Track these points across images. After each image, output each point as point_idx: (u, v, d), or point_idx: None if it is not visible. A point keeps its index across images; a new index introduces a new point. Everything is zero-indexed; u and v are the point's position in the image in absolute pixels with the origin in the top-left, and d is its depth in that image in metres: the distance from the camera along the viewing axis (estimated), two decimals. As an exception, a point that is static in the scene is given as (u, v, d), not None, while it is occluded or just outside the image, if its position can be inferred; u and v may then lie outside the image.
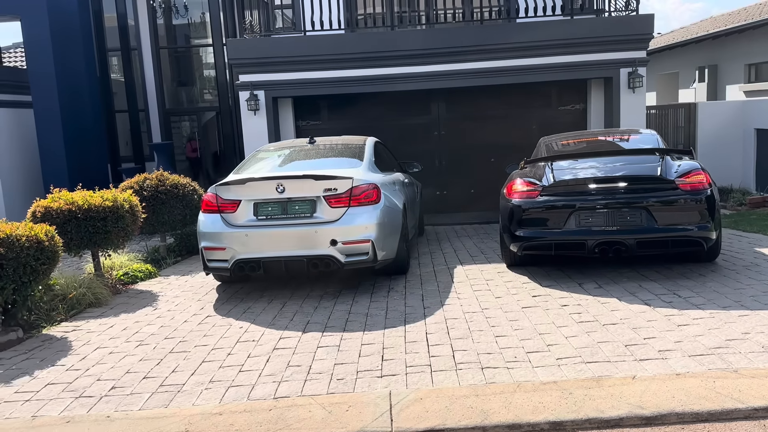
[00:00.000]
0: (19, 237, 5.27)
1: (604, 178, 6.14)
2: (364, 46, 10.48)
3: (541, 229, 6.23)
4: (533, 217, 6.25)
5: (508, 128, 11.18)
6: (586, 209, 6.01)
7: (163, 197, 8.43)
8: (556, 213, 6.13)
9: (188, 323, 5.57)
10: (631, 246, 5.91)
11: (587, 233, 5.99)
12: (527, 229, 6.27)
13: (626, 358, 4.11)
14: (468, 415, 3.53)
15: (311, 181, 6.09)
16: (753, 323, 4.59)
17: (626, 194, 5.98)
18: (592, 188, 6.07)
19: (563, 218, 6.08)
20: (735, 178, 11.66)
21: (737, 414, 3.42)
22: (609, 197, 5.97)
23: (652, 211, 5.88)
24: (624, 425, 3.40)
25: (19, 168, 12.81)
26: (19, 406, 4.05)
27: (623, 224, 5.93)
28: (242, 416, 3.70)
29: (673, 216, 5.94)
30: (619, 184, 6.05)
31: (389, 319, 5.30)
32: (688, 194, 5.92)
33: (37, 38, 12.10)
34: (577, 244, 6.06)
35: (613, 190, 6.01)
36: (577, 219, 6.04)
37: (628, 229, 5.91)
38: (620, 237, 5.92)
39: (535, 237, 6.25)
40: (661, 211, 5.90)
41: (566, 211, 6.07)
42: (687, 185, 5.97)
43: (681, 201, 5.92)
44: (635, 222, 5.91)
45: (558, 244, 6.17)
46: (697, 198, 5.90)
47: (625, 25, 10.48)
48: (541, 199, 6.23)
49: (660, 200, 5.92)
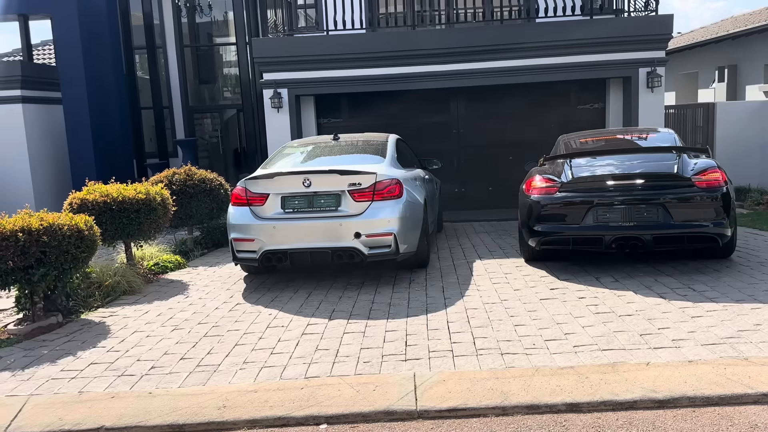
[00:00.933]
0: (61, 226, 5.55)
1: (622, 175, 6.30)
2: (385, 46, 10.70)
3: (559, 225, 6.39)
4: (551, 213, 6.41)
5: (526, 127, 11.33)
6: (604, 205, 6.16)
7: (191, 191, 8.70)
8: (574, 209, 6.28)
9: (219, 310, 5.83)
10: (647, 241, 6.06)
11: (604, 229, 6.14)
12: (545, 224, 6.44)
13: (641, 347, 4.29)
14: (488, 396, 3.75)
15: (336, 176, 6.32)
16: (765, 315, 4.75)
17: (643, 191, 6.12)
18: (609, 185, 6.22)
19: (581, 214, 6.23)
20: (753, 178, 11.72)
21: (746, 399, 3.60)
22: (626, 194, 6.12)
23: (668, 207, 6.02)
24: (637, 408, 3.60)
25: (48, 162, 13.19)
26: (66, 382, 4.33)
27: (640, 220, 6.08)
28: (276, 394, 3.94)
29: (689, 212, 6.07)
30: (636, 181, 6.20)
31: (411, 308, 5.52)
32: (704, 191, 6.06)
33: (68, 37, 12.46)
34: (595, 239, 6.22)
35: (630, 187, 6.16)
36: (594, 215, 6.18)
37: (645, 225, 6.06)
38: (637, 233, 6.07)
39: (553, 232, 6.41)
40: (678, 208, 6.04)
41: (584, 207, 6.23)
42: (703, 183, 6.11)
43: (697, 198, 6.05)
44: (652, 218, 6.04)
45: (576, 239, 6.33)
46: (712, 195, 6.04)
47: (644, 25, 10.60)
48: (560, 195, 6.39)
49: (676, 197, 6.05)
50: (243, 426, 3.70)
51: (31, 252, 5.32)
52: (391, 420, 3.65)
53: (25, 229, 5.35)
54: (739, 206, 10.84)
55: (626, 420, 3.48)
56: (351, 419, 3.67)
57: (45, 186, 12.97)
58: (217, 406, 3.85)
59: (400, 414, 3.67)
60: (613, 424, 3.45)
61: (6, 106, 12.62)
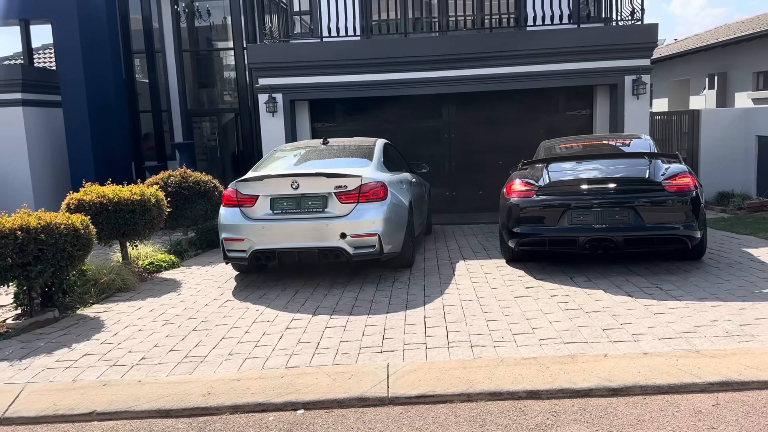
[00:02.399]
0: (58, 225, 5.82)
1: (595, 180, 6.58)
2: (379, 52, 10.96)
3: (536, 226, 6.66)
4: (530, 215, 6.68)
5: (516, 132, 11.60)
6: (578, 208, 6.44)
7: (186, 193, 8.96)
8: (551, 211, 6.56)
9: (209, 306, 6.10)
10: (619, 243, 6.35)
11: (579, 230, 6.42)
12: (524, 226, 6.71)
13: (602, 340, 4.56)
14: (455, 384, 4.01)
15: (323, 179, 6.59)
16: (722, 312, 5.02)
17: (615, 195, 6.40)
18: (584, 189, 6.50)
19: (557, 216, 6.51)
20: (736, 183, 11.98)
21: (694, 387, 3.86)
22: (599, 197, 6.40)
23: (639, 210, 6.29)
24: (593, 395, 3.86)
25: (48, 164, 13.46)
26: (61, 371, 4.59)
27: (612, 222, 6.35)
28: (257, 382, 4.21)
29: (659, 215, 6.36)
30: (609, 185, 6.48)
31: (392, 305, 5.79)
32: (674, 195, 6.34)
33: (68, 41, 12.73)
34: (569, 240, 6.51)
35: (604, 191, 6.43)
36: (569, 217, 6.46)
37: (617, 227, 6.33)
38: (609, 234, 6.35)
39: (531, 233, 6.69)
40: (648, 211, 6.31)
41: (560, 209, 6.50)
42: (673, 187, 6.38)
43: (667, 202, 6.34)
44: (624, 221, 6.32)
45: (552, 240, 6.62)
46: (682, 199, 6.32)
47: (629, 33, 10.86)
48: (537, 199, 6.66)
49: (647, 200, 6.34)
50: (225, 411, 3.96)
51: (30, 249, 5.58)
52: (364, 406, 3.91)
53: (24, 227, 5.61)
54: (721, 210, 11.13)
55: (581, 406, 3.74)
56: (327, 405, 3.93)
57: (44, 187, 13.24)
58: (201, 393, 4.11)
59: (373, 400, 3.93)
60: (568, 409, 3.71)
61: (7, 108, 12.89)
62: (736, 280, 5.98)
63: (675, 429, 3.44)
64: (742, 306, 5.18)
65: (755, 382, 3.86)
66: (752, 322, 4.77)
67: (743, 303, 5.26)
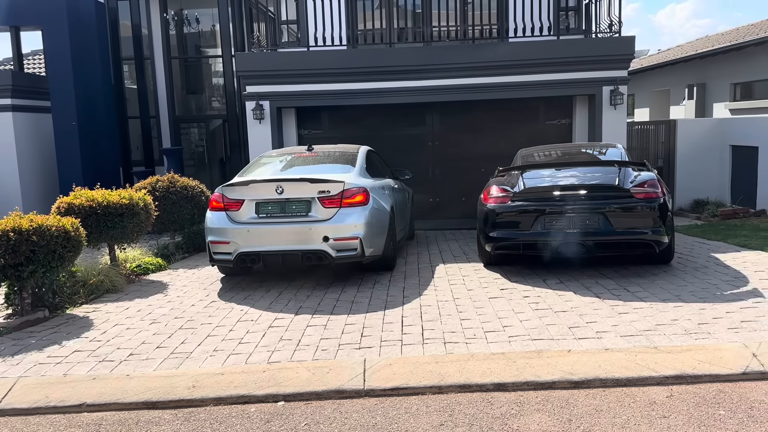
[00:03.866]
0: (49, 227, 6.01)
1: (568, 186, 6.85)
2: (364, 62, 11.22)
3: (511, 231, 6.93)
4: (505, 220, 6.95)
5: (498, 140, 11.87)
6: (551, 213, 6.71)
7: (174, 197, 9.17)
8: (525, 216, 6.83)
9: (195, 306, 6.31)
10: (589, 247, 6.64)
11: (551, 235, 6.69)
12: (500, 231, 6.98)
13: (567, 337, 4.82)
14: (428, 377, 4.25)
15: (307, 184, 6.83)
16: (683, 312, 5.30)
17: (586, 201, 6.66)
18: (556, 195, 6.77)
19: (531, 221, 6.78)
20: (711, 191, 12.33)
21: (651, 381, 4.12)
22: (571, 203, 6.65)
23: (609, 216, 6.57)
24: (556, 387, 4.11)
25: (36, 169, 13.61)
26: (52, 367, 4.79)
27: (583, 227, 6.61)
28: (240, 376, 4.43)
29: (628, 221, 6.64)
30: (580, 191, 6.75)
31: (371, 305, 6.03)
32: (642, 202, 6.62)
33: (58, 48, 12.91)
34: (543, 244, 6.79)
35: (575, 197, 6.69)
36: (543, 222, 6.73)
37: (588, 232, 6.61)
38: (580, 238, 6.62)
39: (506, 238, 6.95)
40: (617, 217, 6.60)
41: (534, 214, 6.78)
42: (641, 194, 6.66)
43: (635, 208, 6.61)
44: (594, 226, 6.59)
45: (526, 244, 6.89)
46: (650, 205, 6.60)
47: (608, 46, 11.19)
48: (512, 204, 6.94)
49: (616, 206, 6.61)
50: (210, 403, 4.18)
51: (21, 250, 5.77)
52: (341, 398, 4.14)
53: (16, 229, 5.80)
54: (696, 218, 11.47)
55: (544, 397, 3.99)
56: (306, 397, 4.16)
57: (33, 191, 13.38)
58: (186, 386, 4.32)
59: (349, 392, 4.17)
60: (532, 400, 3.96)
61: (-3, 113, 13.04)
62: (700, 283, 6.27)
63: (629, 417, 3.70)
64: (702, 306, 5.47)
65: (707, 376, 4.13)
66: (710, 321, 5.06)
67: (704, 304, 5.55)
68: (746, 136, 11.76)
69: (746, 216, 10.92)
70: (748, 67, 16.18)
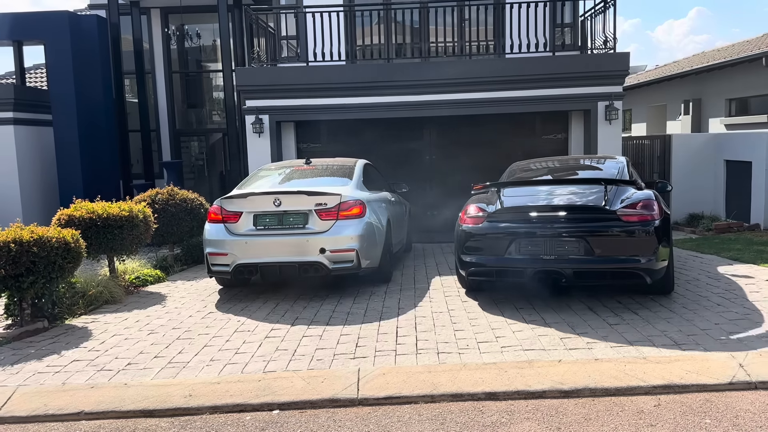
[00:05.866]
0: (49, 238, 6.10)
1: (545, 207, 6.14)
2: (363, 77, 11.38)
3: (484, 256, 6.24)
4: (478, 243, 6.27)
5: (495, 154, 11.98)
6: (527, 237, 5.98)
7: (173, 210, 9.26)
8: (499, 240, 6.11)
9: (192, 317, 6.39)
10: (568, 276, 5.89)
11: (526, 261, 5.97)
12: (472, 255, 6.32)
13: (558, 348, 4.91)
14: (420, 386, 4.33)
15: (304, 197, 6.94)
16: (674, 323, 5.38)
17: (565, 224, 5.94)
18: (533, 216, 6.07)
19: (505, 245, 6.06)
20: (706, 206, 12.45)
21: (639, 390, 4.20)
22: (548, 226, 5.95)
23: (590, 241, 5.80)
24: (546, 397, 4.19)
25: (37, 181, 13.72)
26: (51, 376, 4.86)
27: (561, 254, 5.87)
28: (236, 385, 4.50)
29: (612, 247, 5.86)
30: (559, 213, 6.02)
31: (367, 316, 6.11)
32: (631, 225, 5.84)
33: (60, 62, 13.09)
34: (517, 271, 6.07)
35: (553, 219, 5.98)
36: (517, 246, 6.01)
37: (566, 259, 5.87)
38: (557, 266, 5.88)
39: (478, 263, 6.28)
40: (600, 242, 5.81)
41: (508, 238, 6.06)
42: (631, 216, 5.87)
43: (622, 232, 5.84)
44: (573, 252, 5.85)
45: (499, 270, 6.19)
46: (642, 229, 5.81)
47: (603, 62, 11.35)
48: (485, 225, 6.25)
49: (598, 231, 5.85)
50: (206, 411, 4.25)
51: (22, 261, 5.85)
52: (335, 406, 4.22)
53: (17, 240, 5.89)
54: (691, 232, 11.57)
55: (534, 406, 4.07)
56: (300, 406, 4.23)
57: (34, 204, 13.48)
58: (183, 395, 4.39)
59: (343, 401, 4.24)
60: (523, 409, 4.04)
61: (-1, 127, 13.18)
62: (691, 295, 6.36)
63: (618, 426, 3.77)
64: (691, 317, 5.55)
65: (695, 385, 4.21)
66: (699, 333, 5.14)
67: (693, 315, 5.63)
68: (740, 151, 11.89)
69: (740, 230, 11.02)
70: (743, 82, 16.34)
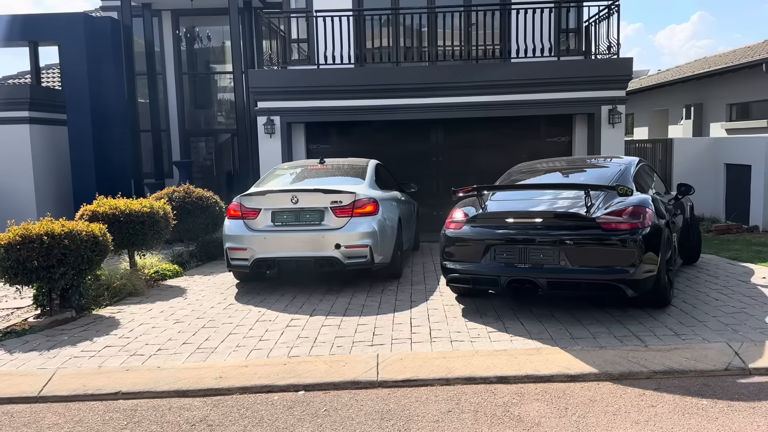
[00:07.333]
0: (79, 231, 6.41)
1: (522, 213, 5.96)
2: (372, 80, 11.69)
3: (462, 262, 6.11)
4: (457, 249, 6.16)
5: (499, 156, 12.25)
6: (503, 244, 5.82)
7: (189, 207, 9.57)
8: (476, 246, 5.98)
9: (214, 308, 6.69)
10: (542, 286, 5.66)
11: (501, 269, 5.82)
12: (452, 261, 6.20)
13: (564, 337, 5.21)
14: (436, 370, 4.63)
15: (321, 194, 7.25)
16: (675, 316, 5.68)
17: (541, 231, 5.73)
18: (510, 222, 5.91)
19: (481, 252, 5.93)
20: (707, 208, 12.74)
21: (641, 375, 4.49)
22: (523, 233, 5.76)
23: (565, 250, 5.56)
24: (554, 381, 4.49)
25: (51, 179, 14.04)
26: (86, 360, 5.16)
27: (536, 262, 5.67)
28: (263, 368, 4.80)
29: (588, 257, 5.53)
30: (536, 219, 5.84)
31: (381, 309, 6.41)
32: (611, 234, 5.51)
33: (74, 63, 13.40)
34: (491, 279, 5.94)
35: (528, 226, 5.81)
36: (493, 253, 5.86)
37: (540, 268, 5.65)
38: (531, 275, 5.67)
39: (456, 270, 6.16)
40: (576, 251, 5.54)
41: (484, 244, 5.93)
42: (612, 224, 5.54)
43: (599, 241, 5.52)
44: (548, 261, 5.62)
45: (475, 278, 6.08)
46: (620, 238, 5.47)
47: (606, 67, 11.65)
48: (464, 231, 6.13)
49: (574, 239, 5.57)
50: (236, 392, 4.55)
51: (54, 253, 6.16)
52: (356, 388, 4.51)
53: (49, 233, 6.20)
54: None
55: (543, 389, 4.37)
56: (324, 387, 4.53)
57: (48, 201, 13.79)
58: (214, 377, 4.70)
59: (364, 383, 4.54)
60: (532, 391, 4.34)
61: (14, 126, 13.49)
62: (691, 291, 6.65)
63: (621, 406, 4.06)
64: (689, 310, 5.85)
65: (693, 371, 4.50)
66: (697, 324, 5.43)
67: (692, 308, 5.93)
68: (739, 155, 12.19)
69: (739, 232, 11.31)
70: (744, 88, 16.65)
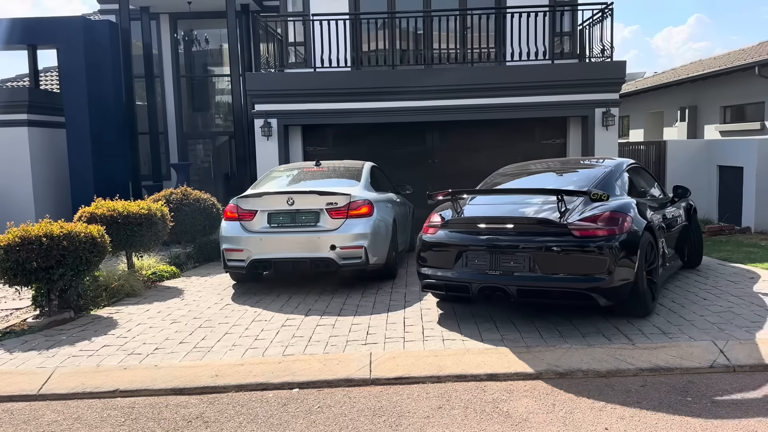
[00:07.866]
0: (78, 233, 6.50)
1: (494, 218, 5.84)
2: (368, 82, 11.79)
3: (435, 268, 6.03)
4: (431, 254, 6.10)
5: (494, 158, 12.33)
6: (474, 250, 5.72)
7: (187, 209, 9.66)
8: (449, 251, 5.90)
9: (211, 309, 6.78)
10: (512, 293, 5.52)
11: (472, 276, 5.70)
12: (426, 267, 6.12)
13: (554, 335, 5.30)
14: (427, 368, 4.73)
15: (316, 196, 7.35)
16: (663, 315, 5.78)
17: (511, 237, 5.59)
18: (482, 228, 5.78)
19: (453, 258, 5.84)
20: (700, 209, 12.76)
21: (628, 372, 4.60)
22: (493, 239, 5.64)
23: (534, 257, 5.42)
24: (542, 378, 4.59)
25: (49, 181, 14.12)
26: (85, 359, 5.25)
27: (505, 269, 5.54)
28: (258, 366, 4.90)
29: (558, 264, 5.37)
30: (507, 225, 5.69)
31: (375, 308, 6.51)
32: (582, 240, 5.33)
33: (73, 66, 13.47)
34: (462, 286, 5.82)
35: (499, 232, 5.67)
36: (465, 260, 5.76)
37: (510, 275, 5.52)
38: (500, 282, 5.55)
39: (429, 276, 6.06)
40: (544, 258, 5.39)
41: (455, 250, 5.83)
42: (584, 231, 5.36)
43: (570, 248, 5.34)
44: (518, 268, 5.49)
45: (447, 284, 5.95)
46: (591, 245, 5.29)
47: (600, 70, 11.77)
48: (438, 235, 6.07)
49: (543, 245, 5.42)
50: (231, 390, 4.64)
51: (53, 254, 6.25)
52: (349, 386, 4.61)
53: (48, 234, 6.29)
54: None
55: (532, 386, 4.47)
56: (318, 385, 4.63)
57: (46, 203, 13.86)
58: (210, 375, 4.79)
59: (357, 381, 4.64)
60: (521, 388, 4.44)
61: (13, 129, 13.58)
62: (680, 290, 6.76)
63: (607, 403, 4.16)
64: (677, 309, 5.96)
65: (678, 369, 4.61)
66: (683, 323, 5.54)
67: (680, 307, 6.04)
68: (732, 157, 12.31)
69: (731, 233, 11.43)
70: (737, 90, 16.80)
